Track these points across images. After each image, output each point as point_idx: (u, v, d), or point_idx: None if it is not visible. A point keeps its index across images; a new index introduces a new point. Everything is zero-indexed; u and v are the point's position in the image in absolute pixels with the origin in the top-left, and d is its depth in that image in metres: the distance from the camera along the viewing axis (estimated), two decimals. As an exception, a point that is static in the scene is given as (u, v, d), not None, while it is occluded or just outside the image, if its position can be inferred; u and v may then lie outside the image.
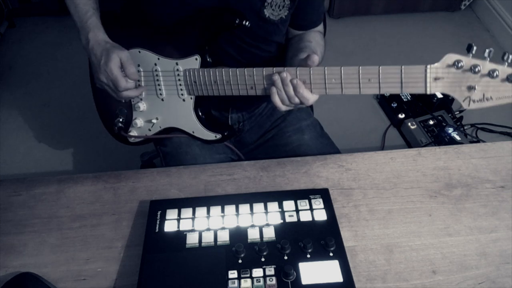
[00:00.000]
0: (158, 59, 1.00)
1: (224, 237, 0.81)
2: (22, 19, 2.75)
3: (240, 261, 0.77)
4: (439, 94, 2.01)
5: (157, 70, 1.01)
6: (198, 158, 1.09)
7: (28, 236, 0.86)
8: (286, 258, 0.77)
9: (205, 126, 1.04)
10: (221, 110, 1.17)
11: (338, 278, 0.74)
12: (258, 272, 0.75)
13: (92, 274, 0.80)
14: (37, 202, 0.92)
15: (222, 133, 1.04)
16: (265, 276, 0.75)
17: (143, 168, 1.52)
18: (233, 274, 0.75)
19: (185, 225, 0.83)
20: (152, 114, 1.07)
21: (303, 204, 0.86)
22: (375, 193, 0.92)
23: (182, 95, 1.02)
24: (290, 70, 0.87)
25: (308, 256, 0.77)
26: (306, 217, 0.84)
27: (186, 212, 0.85)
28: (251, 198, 0.88)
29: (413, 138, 2.02)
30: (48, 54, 2.55)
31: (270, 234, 0.81)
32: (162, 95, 1.04)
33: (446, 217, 0.88)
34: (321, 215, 0.84)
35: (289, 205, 0.86)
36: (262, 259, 0.77)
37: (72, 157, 2.04)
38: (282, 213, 0.85)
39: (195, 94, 1.01)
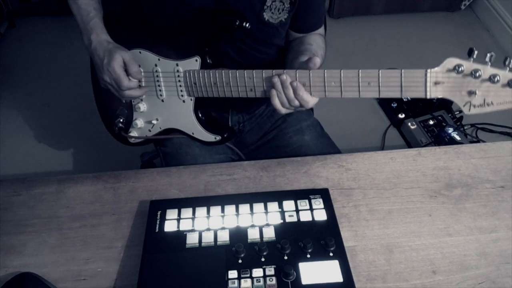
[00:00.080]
0: (159, 60, 1.00)
1: (224, 237, 0.81)
2: (22, 19, 2.75)
3: (240, 261, 0.77)
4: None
5: (157, 71, 1.01)
6: (198, 159, 1.09)
7: (28, 236, 0.86)
8: (286, 258, 0.77)
9: (204, 128, 1.04)
10: (221, 111, 1.17)
11: (338, 278, 0.74)
12: (258, 272, 0.75)
13: (92, 274, 0.80)
14: (37, 202, 0.92)
15: (222, 134, 1.04)
16: (265, 276, 0.75)
17: (143, 168, 1.52)
18: (233, 274, 0.75)
19: (185, 225, 0.83)
20: (152, 115, 1.07)
21: (303, 204, 0.86)
22: (375, 193, 0.92)
23: (182, 96, 1.02)
24: (290, 73, 0.87)
25: (308, 256, 0.77)
26: (306, 217, 0.84)
27: (186, 212, 0.85)
28: (251, 198, 0.88)
29: (413, 138, 2.02)
30: (48, 54, 2.55)
31: (270, 234, 0.81)
32: (162, 96, 1.04)
33: (446, 217, 0.88)
34: (321, 215, 0.84)
35: (289, 205, 0.86)
36: (262, 259, 0.77)
37: (72, 157, 2.04)
38: (282, 213, 0.85)
39: (195, 95, 1.01)
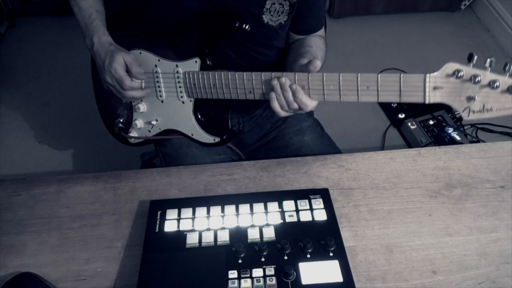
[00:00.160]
0: (159, 61, 1.00)
1: (224, 237, 0.81)
2: (22, 19, 2.75)
3: (240, 261, 0.77)
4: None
5: (157, 72, 1.01)
6: (198, 159, 1.09)
7: (28, 236, 0.86)
8: (286, 258, 0.77)
9: (204, 129, 1.03)
10: (221, 111, 1.17)
11: (338, 278, 0.74)
12: (258, 272, 0.75)
13: (92, 274, 0.80)
14: (37, 202, 0.92)
15: (221, 136, 1.03)
16: (265, 276, 0.75)
17: (143, 168, 1.52)
18: (233, 274, 0.75)
19: (185, 225, 0.83)
20: (152, 115, 1.07)
21: (303, 204, 0.86)
22: (375, 193, 0.92)
23: (182, 98, 1.02)
24: (289, 75, 0.87)
25: (308, 256, 0.77)
26: (306, 217, 0.84)
27: (186, 212, 0.85)
28: (251, 198, 0.88)
29: (413, 138, 2.02)
30: (48, 54, 2.55)
31: (270, 234, 0.81)
32: (162, 97, 1.04)
33: (446, 217, 0.88)
34: (321, 215, 0.84)
35: (289, 205, 0.86)
36: (262, 259, 0.77)
37: (72, 157, 2.04)
38: (282, 213, 0.85)
39: (195, 97, 1.00)
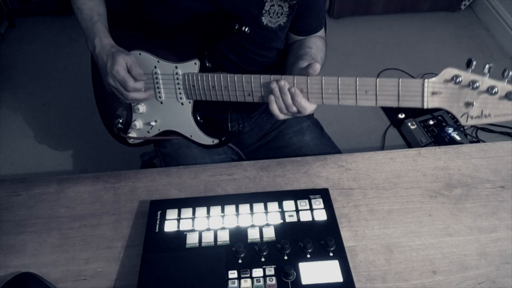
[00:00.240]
0: (158, 62, 1.00)
1: (224, 237, 0.81)
2: (22, 19, 2.75)
3: (240, 261, 0.77)
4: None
5: (156, 73, 1.01)
6: (198, 159, 1.09)
7: (28, 236, 0.86)
8: (286, 258, 0.77)
9: (203, 131, 1.03)
10: (220, 112, 1.17)
11: (338, 278, 0.74)
12: (258, 272, 0.75)
13: (92, 274, 0.80)
14: (37, 202, 0.92)
15: (220, 138, 1.03)
16: (265, 276, 0.75)
17: (143, 168, 1.52)
18: (233, 274, 0.75)
19: (185, 225, 0.83)
20: (151, 116, 1.07)
21: (303, 204, 0.86)
22: (375, 193, 0.92)
23: (181, 99, 1.02)
24: (288, 79, 0.87)
25: (308, 256, 0.77)
26: (306, 217, 0.84)
27: (186, 212, 0.85)
28: (251, 198, 0.88)
29: (413, 138, 2.02)
30: (48, 54, 2.55)
31: (270, 234, 0.81)
32: (161, 98, 1.04)
33: (446, 217, 0.88)
34: (321, 215, 0.84)
35: (289, 205, 0.86)
36: (262, 259, 0.77)
37: (72, 157, 2.04)
38: (282, 213, 0.85)
39: (194, 98, 1.00)
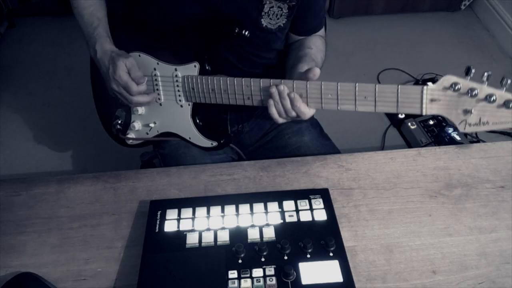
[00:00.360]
0: (158, 64, 1.00)
1: (224, 237, 0.81)
2: (22, 19, 2.75)
3: (240, 261, 0.77)
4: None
5: (156, 75, 1.01)
6: (198, 160, 1.09)
7: (28, 236, 0.86)
8: (286, 258, 0.77)
9: (202, 133, 1.03)
10: (220, 112, 1.17)
11: (338, 278, 0.74)
12: (258, 272, 0.75)
13: (92, 274, 0.80)
14: (37, 202, 0.92)
15: (219, 141, 1.03)
16: (265, 276, 0.75)
17: (143, 168, 1.52)
18: (233, 274, 0.75)
19: (185, 225, 0.83)
20: (150, 118, 1.07)
21: (303, 204, 0.86)
22: (375, 193, 0.92)
23: (180, 101, 1.02)
24: (287, 83, 0.87)
25: (308, 256, 0.77)
26: (306, 217, 0.84)
27: (186, 212, 0.85)
28: (251, 198, 0.88)
29: (413, 138, 2.02)
30: (48, 54, 2.55)
31: (270, 234, 0.81)
32: (160, 100, 1.04)
33: (446, 217, 0.88)
34: (321, 215, 0.84)
35: (289, 205, 0.86)
36: (262, 259, 0.77)
37: (72, 157, 2.04)
38: (282, 213, 0.85)
39: (193, 101, 1.00)
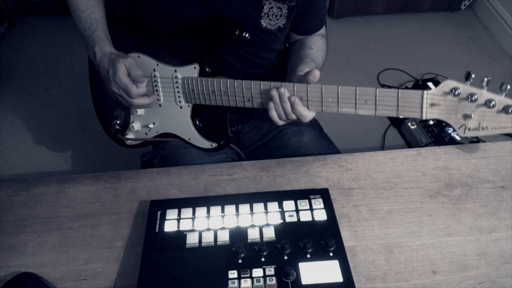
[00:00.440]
0: (157, 65, 1.00)
1: (224, 237, 0.81)
2: (22, 19, 2.75)
3: (240, 261, 0.77)
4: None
5: (155, 76, 1.01)
6: (197, 160, 1.09)
7: (28, 236, 0.86)
8: (286, 258, 0.77)
9: (201, 134, 1.03)
10: (220, 112, 1.17)
11: (338, 278, 0.74)
12: (258, 272, 0.75)
13: (92, 274, 0.80)
14: (37, 202, 0.92)
15: (218, 142, 1.03)
16: (265, 276, 0.75)
17: (143, 168, 1.52)
18: (233, 274, 0.75)
19: (185, 225, 0.83)
20: (149, 119, 1.07)
21: (303, 204, 0.86)
22: (375, 193, 0.92)
23: (180, 103, 1.02)
24: (288, 86, 0.87)
25: (308, 256, 0.77)
26: (306, 217, 0.84)
27: (186, 212, 0.85)
28: (251, 198, 0.88)
29: (413, 138, 2.02)
30: (48, 54, 2.55)
31: (270, 234, 0.81)
32: (160, 101, 1.04)
33: (446, 217, 0.88)
34: (321, 215, 0.84)
35: (289, 205, 0.86)
36: (262, 259, 0.77)
37: (72, 157, 2.04)
38: (282, 213, 0.85)
39: (193, 102, 1.00)
